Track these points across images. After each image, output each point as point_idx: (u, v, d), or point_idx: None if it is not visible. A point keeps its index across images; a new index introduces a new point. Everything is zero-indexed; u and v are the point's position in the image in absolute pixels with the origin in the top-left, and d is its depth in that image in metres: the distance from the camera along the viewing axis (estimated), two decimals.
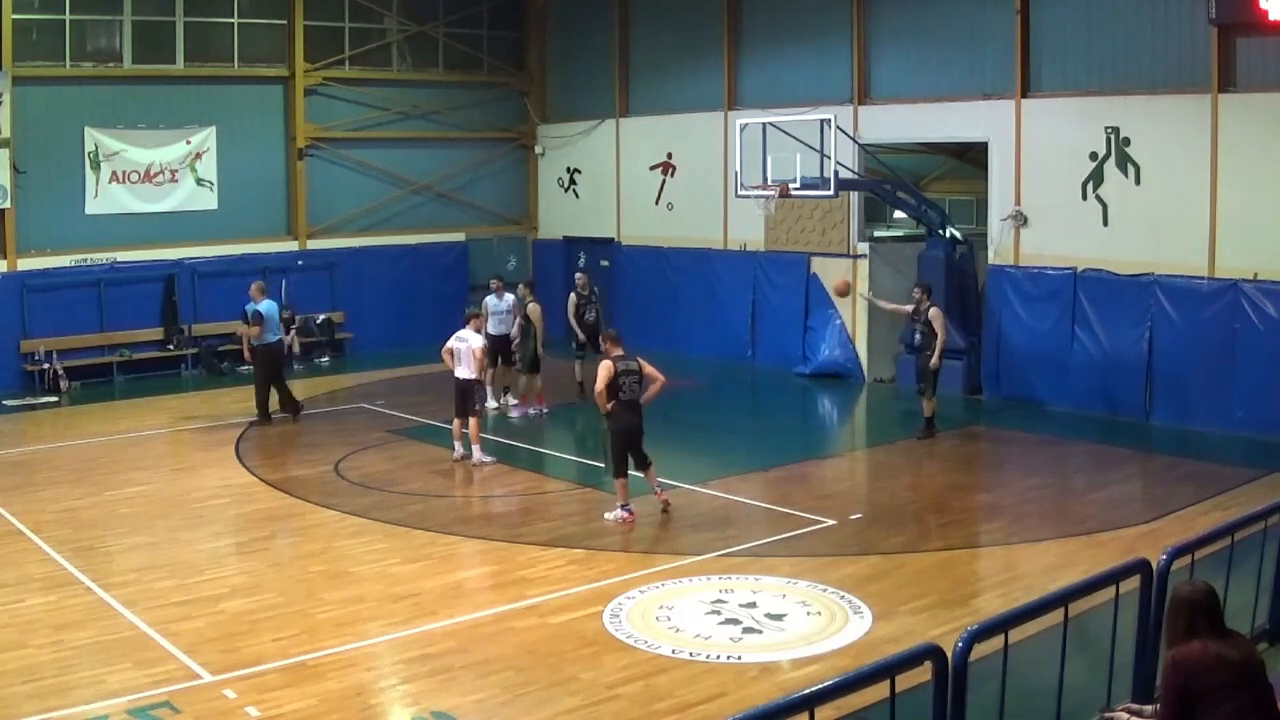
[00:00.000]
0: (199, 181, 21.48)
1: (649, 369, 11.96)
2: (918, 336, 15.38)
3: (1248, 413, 15.02)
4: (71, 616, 9.30)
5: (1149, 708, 5.77)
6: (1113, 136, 16.35)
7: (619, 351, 11.90)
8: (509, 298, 17.66)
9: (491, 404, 17.30)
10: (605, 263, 23.55)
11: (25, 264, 19.69)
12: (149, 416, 17.43)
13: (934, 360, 15.16)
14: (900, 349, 17.20)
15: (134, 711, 7.57)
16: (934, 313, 15.19)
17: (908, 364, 17.29)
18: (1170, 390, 15.87)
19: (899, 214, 21.11)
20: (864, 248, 19.65)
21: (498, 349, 16.86)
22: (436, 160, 24.27)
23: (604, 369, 11.77)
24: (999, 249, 17.80)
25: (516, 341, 17.40)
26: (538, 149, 25.32)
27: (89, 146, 20.29)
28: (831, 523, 11.76)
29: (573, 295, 18.16)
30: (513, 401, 17.59)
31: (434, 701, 7.81)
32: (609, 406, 11.76)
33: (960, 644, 5.25)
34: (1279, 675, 5.71)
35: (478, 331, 14.71)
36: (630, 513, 11.84)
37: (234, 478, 13.91)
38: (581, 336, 17.89)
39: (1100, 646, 6.69)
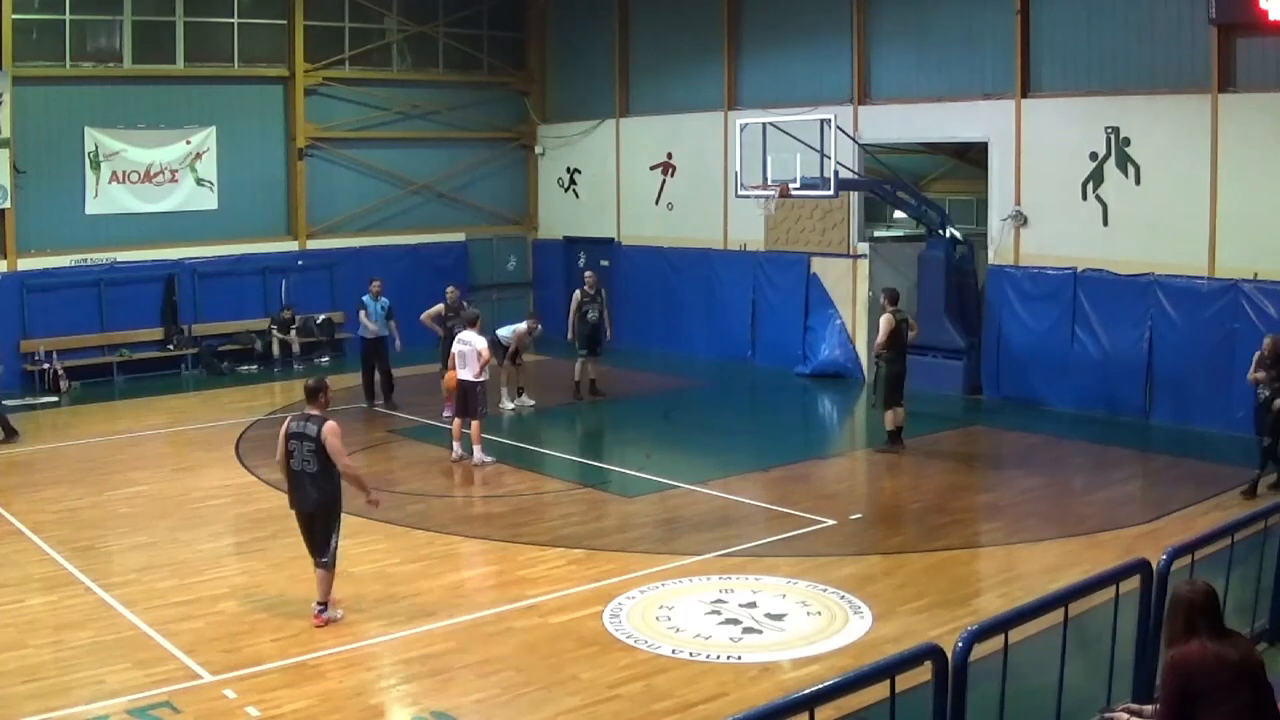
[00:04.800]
0: (199, 181, 21.49)
1: (331, 441, 9.03)
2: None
3: (1248, 413, 14.92)
4: (71, 616, 9.30)
5: (1149, 708, 5.77)
6: (1113, 136, 16.35)
7: (311, 409, 9.30)
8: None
9: (508, 405, 17.32)
10: (605, 262, 23.54)
11: (25, 264, 19.69)
12: (149, 416, 17.43)
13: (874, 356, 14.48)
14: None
15: (134, 711, 7.56)
16: (883, 319, 14.60)
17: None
18: (1170, 390, 15.86)
19: (899, 214, 21.12)
20: (864, 248, 19.66)
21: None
22: (436, 160, 24.27)
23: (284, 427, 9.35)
24: (999, 249, 17.80)
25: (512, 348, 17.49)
26: (538, 149, 25.32)
27: (89, 146, 20.30)
28: (831, 523, 11.75)
29: (578, 293, 18.18)
30: (529, 401, 17.66)
31: (434, 701, 7.81)
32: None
33: (960, 644, 5.26)
34: (1279, 675, 5.71)
35: (480, 333, 14.67)
36: (321, 614, 9.12)
37: (234, 478, 13.91)
38: (571, 334, 17.97)
39: (1100, 646, 6.69)
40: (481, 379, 14.31)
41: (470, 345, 14.26)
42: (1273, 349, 12.38)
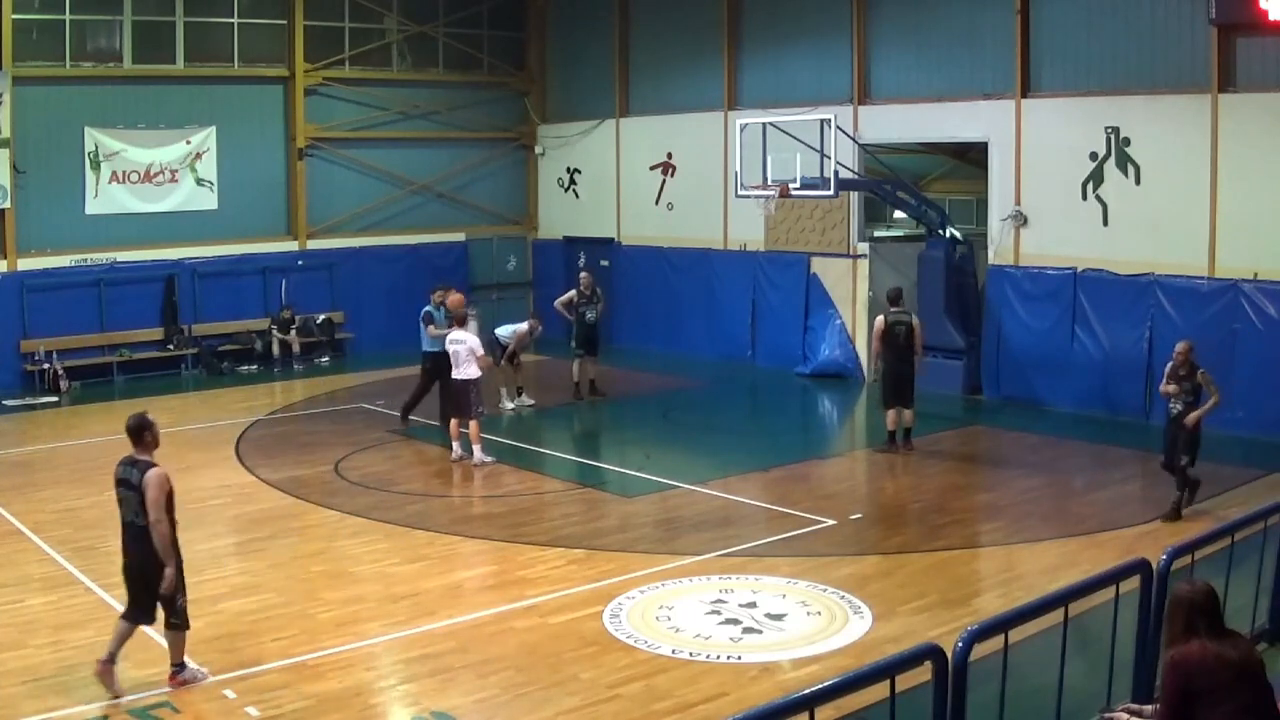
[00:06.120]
0: (199, 181, 21.49)
1: (150, 491, 7.75)
2: None
3: (1248, 413, 14.99)
4: (71, 616, 9.30)
5: (1149, 708, 5.78)
6: (1113, 136, 16.35)
7: (138, 453, 8.08)
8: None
9: (508, 405, 17.31)
10: (605, 263, 23.54)
11: (25, 264, 19.69)
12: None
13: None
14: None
15: (134, 711, 7.56)
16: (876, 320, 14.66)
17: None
18: None
19: (899, 214, 21.12)
20: (864, 248, 19.65)
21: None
22: (436, 160, 24.27)
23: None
24: (999, 249, 17.79)
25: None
26: (538, 149, 25.31)
27: (89, 146, 20.29)
28: (831, 523, 11.75)
29: (573, 292, 18.17)
30: (529, 401, 17.66)
31: (434, 701, 7.81)
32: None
33: (960, 644, 5.26)
34: (1279, 675, 5.71)
35: (472, 332, 14.62)
36: (178, 674, 7.97)
37: (234, 478, 13.90)
38: (569, 315, 17.97)
39: (1100, 646, 6.69)
40: (475, 376, 14.24)
41: (463, 344, 14.25)
42: (1185, 357, 11.47)
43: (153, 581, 7.84)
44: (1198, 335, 15.28)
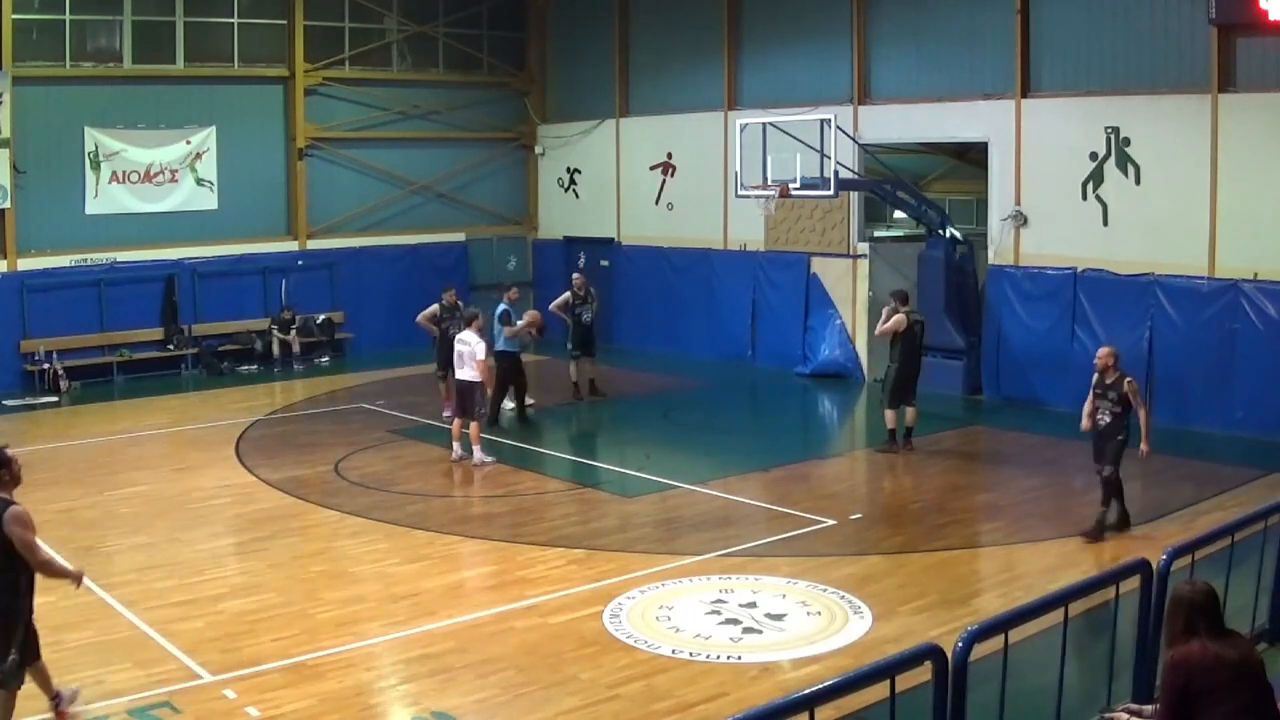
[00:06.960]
0: (199, 181, 21.48)
1: (17, 532, 6.94)
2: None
3: (1248, 413, 15.02)
4: (71, 616, 9.27)
5: (1149, 708, 5.78)
6: (1113, 136, 16.35)
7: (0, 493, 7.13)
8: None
9: (508, 405, 17.30)
10: (605, 263, 23.55)
11: (25, 264, 19.68)
12: (149, 416, 17.42)
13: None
14: None
15: (134, 711, 7.57)
16: (895, 316, 14.55)
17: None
18: (1170, 390, 15.84)
19: (899, 214, 21.11)
20: (864, 248, 19.65)
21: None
22: (436, 160, 24.27)
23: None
24: (999, 249, 17.79)
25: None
26: (538, 149, 25.31)
27: (89, 146, 20.29)
28: (831, 523, 11.75)
29: (568, 294, 18.18)
30: (529, 401, 17.67)
31: (434, 701, 7.81)
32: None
33: (960, 644, 5.26)
34: (1278, 675, 5.71)
35: (479, 333, 14.64)
36: (59, 707, 7.47)
37: (234, 478, 13.90)
38: (566, 317, 17.98)
39: (1100, 646, 6.70)
40: (479, 379, 14.26)
41: (469, 346, 14.25)
42: (1105, 363, 10.98)
43: (12, 629, 7.00)
44: (1197, 335, 15.41)
